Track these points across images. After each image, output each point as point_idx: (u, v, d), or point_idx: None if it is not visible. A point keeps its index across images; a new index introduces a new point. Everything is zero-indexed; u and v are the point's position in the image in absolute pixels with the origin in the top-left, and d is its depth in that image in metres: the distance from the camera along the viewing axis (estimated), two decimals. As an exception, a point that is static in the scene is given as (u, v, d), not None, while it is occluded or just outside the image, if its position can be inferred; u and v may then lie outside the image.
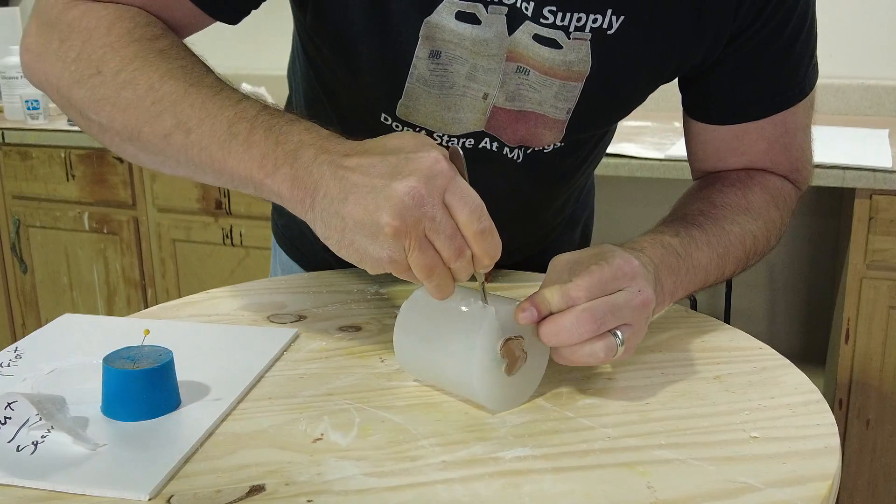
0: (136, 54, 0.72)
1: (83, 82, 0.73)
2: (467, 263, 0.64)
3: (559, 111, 0.86)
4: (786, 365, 0.78)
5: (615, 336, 0.68)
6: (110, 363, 0.67)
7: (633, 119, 2.16)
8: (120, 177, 2.40)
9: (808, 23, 0.87)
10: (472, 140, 0.88)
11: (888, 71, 2.28)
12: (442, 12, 0.79)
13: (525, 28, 0.80)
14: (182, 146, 0.70)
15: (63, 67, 0.74)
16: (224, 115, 0.68)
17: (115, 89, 0.71)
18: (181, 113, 0.69)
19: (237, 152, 0.67)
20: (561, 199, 1.04)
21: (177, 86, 0.70)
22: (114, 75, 0.72)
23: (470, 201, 0.62)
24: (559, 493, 0.58)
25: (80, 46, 0.74)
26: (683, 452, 0.63)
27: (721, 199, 0.88)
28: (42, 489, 0.59)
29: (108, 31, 0.73)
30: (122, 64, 0.72)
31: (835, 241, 2.29)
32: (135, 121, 0.71)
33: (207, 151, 0.69)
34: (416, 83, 0.83)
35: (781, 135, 0.91)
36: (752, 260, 0.89)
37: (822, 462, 0.62)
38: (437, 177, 0.62)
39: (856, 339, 1.81)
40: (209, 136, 0.68)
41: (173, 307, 0.92)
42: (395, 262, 0.63)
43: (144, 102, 0.70)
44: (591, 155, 1.01)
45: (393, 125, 0.88)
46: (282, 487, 0.59)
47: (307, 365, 0.78)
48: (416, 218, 0.61)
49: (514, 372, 0.68)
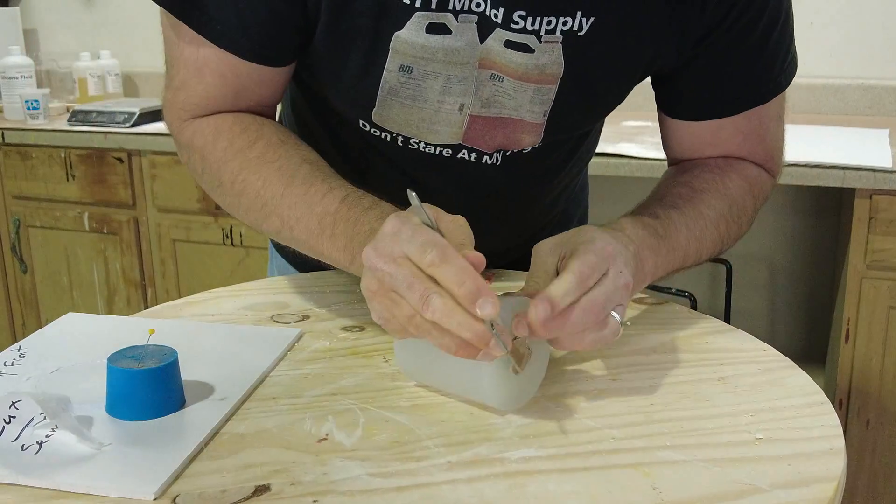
0: (242, 166, 0.84)
1: (213, 191, 0.88)
2: (444, 315, 0.61)
3: (535, 115, 0.87)
4: (790, 366, 0.78)
5: (614, 318, 0.69)
6: (115, 362, 0.67)
7: (633, 119, 2.16)
8: (120, 177, 2.40)
9: (783, 19, 0.87)
10: (449, 150, 0.90)
11: (888, 71, 2.28)
12: (411, 27, 0.80)
13: (496, 35, 0.81)
14: (291, 239, 0.83)
15: (199, 178, 0.90)
16: (314, 212, 0.79)
17: (234, 197, 0.85)
18: (283, 214, 0.81)
19: (327, 244, 0.79)
20: (548, 197, 1.05)
21: (275, 190, 0.82)
22: (230, 187, 0.85)
23: (416, 240, 0.63)
24: (564, 493, 0.58)
25: (200, 163, 0.88)
26: (688, 454, 0.63)
27: (699, 183, 0.89)
28: (47, 488, 0.59)
29: (213, 148, 0.86)
30: (233, 176, 0.84)
31: (835, 241, 2.29)
32: (254, 221, 0.86)
33: (308, 244, 0.81)
34: (388, 95, 0.85)
35: (756, 127, 0.92)
36: (726, 244, 0.90)
37: (828, 463, 0.62)
38: (386, 237, 0.65)
39: (856, 339, 1.81)
40: (306, 233, 0.80)
41: (177, 306, 0.92)
42: (386, 320, 0.67)
43: (255, 206, 0.84)
44: (576, 153, 1.01)
45: (371, 131, 0.90)
46: (287, 487, 0.59)
47: (311, 365, 0.78)
48: (377, 279, 0.65)
49: (521, 370, 0.68)
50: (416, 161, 0.91)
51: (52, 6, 3.01)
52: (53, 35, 3.03)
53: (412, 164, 0.92)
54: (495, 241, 0.65)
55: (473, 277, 0.61)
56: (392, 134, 0.89)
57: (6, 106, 2.57)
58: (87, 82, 2.71)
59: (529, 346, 0.69)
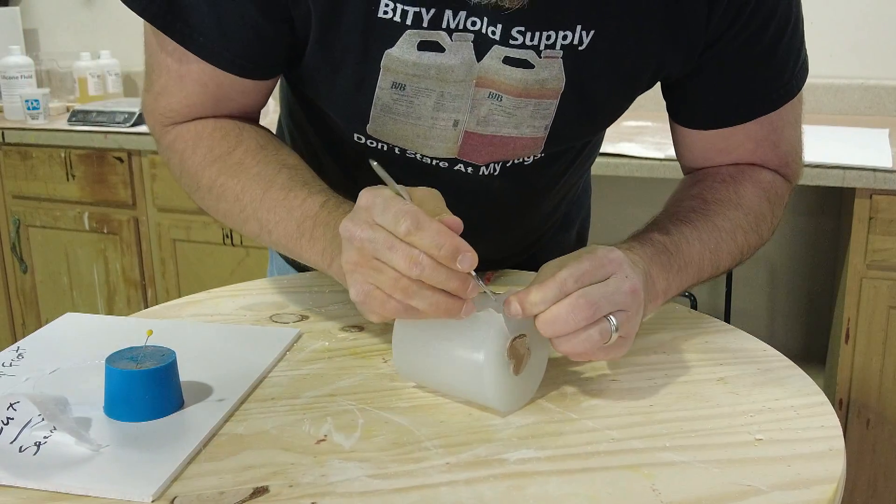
0: (220, 171, 0.85)
1: (193, 194, 0.89)
2: (432, 270, 0.63)
3: (536, 129, 0.86)
4: (789, 367, 0.78)
5: (609, 321, 0.68)
6: (113, 363, 0.67)
7: (633, 119, 2.16)
8: (120, 177, 2.40)
9: (792, 24, 0.86)
10: (445, 163, 0.89)
11: (888, 71, 2.27)
12: (403, 45, 0.79)
13: (494, 53, 0.80)
14: (270, 243, 0.84)
15: (178, 180, 0.91)
16: (293, 216, 0.80)
17: (213, 201, 0.87)
18: (262, 218, 0.82)
19: (306, 247, 0.80)
20: (549, 205, 1.04)
21: (254, 195, 0.83)
22: (208, 191, 0.86)
23: (389, 211, 0.64)
24: (564, 495, 0.58)
25: (180, 167, 0.89)
26: (688, 455, 0.63)
27: (711, 195, 0.88)
28: (45, 490, 0.59)
29: (193, 152, 0.87)
30: (211, 181, 0.85)
31: (835, 241, 2.29)
32: (233, 224, 0.87)
33: (287, 247, 0.82)
34: (381, 112, 0.85)
35: (769, 133, 0.91)
36: (745, 255, 0.88)
37: (827, 465, 0.62)
38: (361, 211, 0.66)
39: (856, 339, 1.81)
40: (285, 236, 0.81)
41: (175, 307, 0.92)
42: (368, 294, 0.66)
43: (234, 211, 0.85)
44: (576, 162, 1.01)
45: (367, 142, 0.90)
46: (286, 489, 0.59)
47: (310, 365, 0.78)
48: (357, 249, 0.66)
49: (520, 370, 0.68)
50: (413, 171, 0.90)
51: (52, 6, 3.01)
52: (53, 35, 3.03)
53: (409, 173, 0.92)
54: (495, 249, 0.65)
55: (450, 237, 0.63)
56: (388, 145, 0.89)
57: (6, 106, 2.57)
58: (87, 82, 2.71)
59: (529, 346, 0.69)
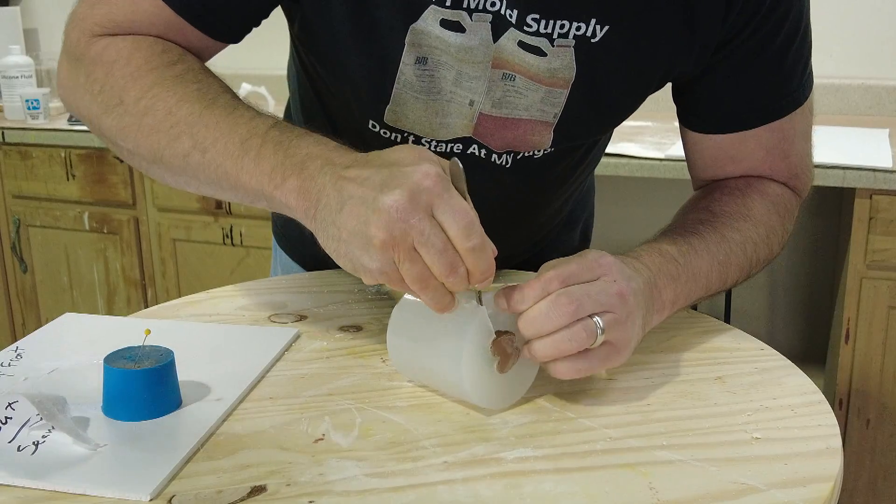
0: (155, 82, 0.76)
1: (109, 112, 0.77)
2: (461, 279, 0.63)
3: (546, 114, 0.86)
4: (787, 366, 0.78)
5: (594, 321, 0.67)
6: (111, 363, 0.67)
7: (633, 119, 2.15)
8: (120, 176, 2.40)
9: (802, 32, 0.86)
10: (459, 145, 0.89)
11: (888, 71, 2.28)
12: (427, 19, 0.79)
13: (510, 35, 0.80)
14: (200, 165, 0.73)
15: (91, 99, 0.79)
16: (237, 132, 0.71)
17: (137, 117, 0.75)
18: (197, 134, 0.72)
19: (249, 167, 0.70)
20: (556, 203, 1.04)
21: (192, 108, 0.73)
22: (135, 103, 0.76)
23: (460, 217, 0.62)
24: (561, 494, 0.58)
25: (104, 79, 0.78)
26: (685, 453, 0.63)
27: (720, 207, 0.88)
28: (43, 489, 0.59)
29: (127, 62, 0.77)
30: (142, 92, 0.76)
31: (835, 241, 2.29)
32: (157, 144, 0.75)
33: (223, 168, 0.72)
34: (403, 89, 0.84)
35: (779, 142, 0.90)
36: (755, 267, 0.88)
37: (824, 463, 0.62)
38: (424, 192, 0.62)
39: (856, 339, 1.81)
40: (223, 154, 0.71)
41: (174, 307, 0.92)
42: (387, 274, 0.63)
43: (163, 126, 0.74)
44: (584, 161, 1.01)
45: (381, 132, 0.89)
46: (283, 488, 0.59)
47: (308, 365, 0.78)
48: (402, 230, 0.61)
49: (506, 369, 0.68)
50: None
51: (52, 6, 3.01)
52: (53, 35, 3.03)
53: None
54: (501, 245, 0.65)
55: (493, 266, 0.64)
56: (403, 133, 0.88)
57: (6, 105, 2.57)
58: (87, 82, 2.71)
59: (518, 348, 0.69)
